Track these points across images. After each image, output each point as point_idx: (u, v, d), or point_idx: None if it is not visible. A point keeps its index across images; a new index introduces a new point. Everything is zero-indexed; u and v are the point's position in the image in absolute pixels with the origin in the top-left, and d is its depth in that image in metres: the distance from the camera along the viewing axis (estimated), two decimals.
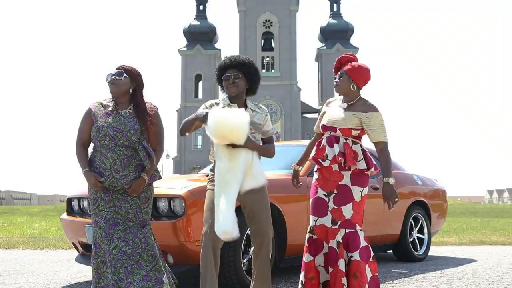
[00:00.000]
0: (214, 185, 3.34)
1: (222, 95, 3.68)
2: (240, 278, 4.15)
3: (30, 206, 41.91)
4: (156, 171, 3.53)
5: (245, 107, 3.54)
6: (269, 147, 3.54)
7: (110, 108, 3.48)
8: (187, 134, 3.37)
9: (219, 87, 3.61)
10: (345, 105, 3.68)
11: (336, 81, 3.72)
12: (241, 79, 3.48)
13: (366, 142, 3.80)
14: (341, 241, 3.51)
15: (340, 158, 3.57)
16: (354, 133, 3.63)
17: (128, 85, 3.47)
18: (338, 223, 3.54)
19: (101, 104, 3.52)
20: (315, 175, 3.72)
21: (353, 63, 3.68)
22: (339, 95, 3.77)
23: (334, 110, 3.71)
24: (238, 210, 3.31)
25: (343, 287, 3.43)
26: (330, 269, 3.51)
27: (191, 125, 3.29)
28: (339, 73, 3.70)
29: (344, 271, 3.47)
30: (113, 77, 3.44)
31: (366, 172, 3.63)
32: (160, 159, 3.52)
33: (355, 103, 3.67)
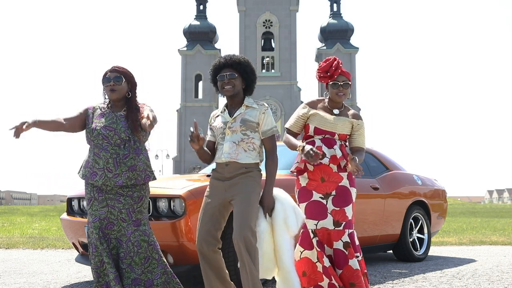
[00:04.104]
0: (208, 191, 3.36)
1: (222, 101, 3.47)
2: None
3: (30, 206, 41.90)
4: (151, 172, 3.51)
5: (241, 103, 3.42)
6: (270, 165, 3.35)
7: (104, 110, 3.51)
8: None
9: (215, 88, 3.48)
10: (337, 111, 3.72)
11: (340, 89, 3.64)
12: (236, 78, 3.35)
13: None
14: (349, 240, 3.54)
15: (343, 161, 3.60)
16: (347, 137, 3.74)
17: (125, 89, 3.49)
18: (343, 224, 3.57)
19: (99, 107, 3.55)
20: (303, 179, 3.70)
21: (343, 68, 3.69)
22: (337, 102, 3.71)
23: (327, 115, 3.70)
24: None
25: (368, 285, 3.48)
26: (339, 271, 3.52)
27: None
28: (344, 82, 3.63)
29: (359, 269, 3.51)
30: (112, 82, 3.43)
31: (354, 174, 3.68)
32: (148, 128, 3.28)
33: (344, 109, 3.75)
